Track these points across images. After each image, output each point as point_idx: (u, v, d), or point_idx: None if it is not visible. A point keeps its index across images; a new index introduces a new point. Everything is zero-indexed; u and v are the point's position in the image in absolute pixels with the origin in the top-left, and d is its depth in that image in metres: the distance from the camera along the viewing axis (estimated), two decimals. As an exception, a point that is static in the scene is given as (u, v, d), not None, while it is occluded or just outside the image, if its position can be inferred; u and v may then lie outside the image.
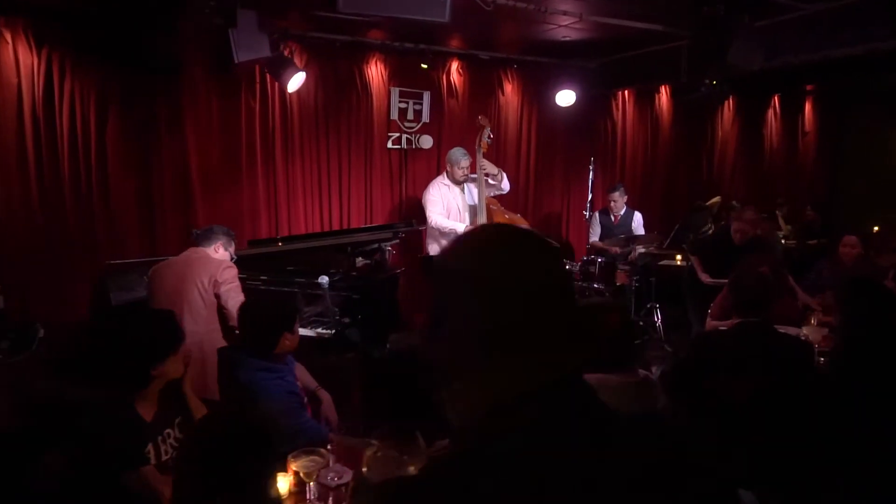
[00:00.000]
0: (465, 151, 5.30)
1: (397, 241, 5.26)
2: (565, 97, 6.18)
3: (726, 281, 4.43)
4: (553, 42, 5.59)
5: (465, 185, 5.37)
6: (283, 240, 4.51)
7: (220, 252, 3.39)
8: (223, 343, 3.20)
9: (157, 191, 4.84)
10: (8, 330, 3.71)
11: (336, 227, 5.73)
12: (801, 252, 7.24)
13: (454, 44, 5.87)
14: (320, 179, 5.63)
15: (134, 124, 4.69)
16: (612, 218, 6.26)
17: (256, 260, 4.05)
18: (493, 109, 6.46)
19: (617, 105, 7.22)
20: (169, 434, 2.05)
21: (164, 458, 1.99)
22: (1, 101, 4.23)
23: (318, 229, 5.61)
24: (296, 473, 1.83)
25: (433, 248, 5.43)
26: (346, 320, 3.53)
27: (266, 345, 2.28)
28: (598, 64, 6.34)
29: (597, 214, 6.34)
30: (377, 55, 5.69)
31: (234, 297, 3.16)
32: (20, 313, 4.27)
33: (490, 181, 5.34)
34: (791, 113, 8.76)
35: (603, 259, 5.55)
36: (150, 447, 1.94)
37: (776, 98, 8.53)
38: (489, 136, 5.23)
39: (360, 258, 4.64)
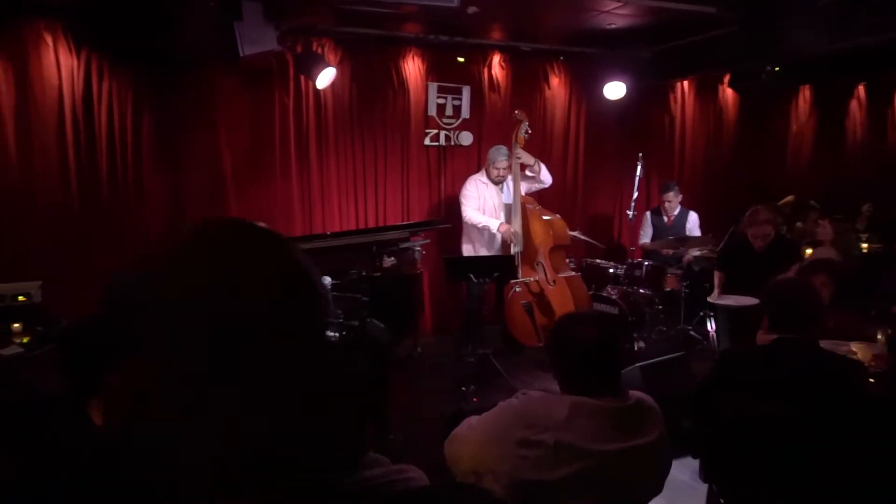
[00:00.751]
0: (506, 151, 5.08)
1: (424, 240, 5.11)
2: (615, 89, 5.82)
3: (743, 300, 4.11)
4: (600, 30, 5.25)
5: (503, 182, 5.14)
6: (306, 239, 4.43)
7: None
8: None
9: (190, 188, 4.90)
10: (36, 324, 3.80)
11: (372, 225, 5.63)
12: (888, 256, 6.51)
13: (495, 36, 5.64)
14: (355, 177, 5.54)
15: (167, 122, 4.76)
16: (665, 218, 5.83)
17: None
18: (538, 104, 6.18)
19: (675, 97, 6.75)
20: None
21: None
22: (43, 101, 4.37)
23: (353, 228, 5.52)
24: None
25: (467, 249, 5.23)
26: (355, 323, 3.38)
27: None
28: (652, 53, 5.92)
29: (648, 215, 5.93)
30: (413, 49, 5.54)
31: None
32: (56, 307, 4.40)
33: (528, 172, 5.07)
34: (879, 102, 7.92)
35: (650, 263, 5.16)
36: (95, 452, 1.85)
37: (861, 87, 7.74)
38: (526, 132, 4.97)
39: (389, 258, 4.51)
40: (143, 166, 4.72)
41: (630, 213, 5.50)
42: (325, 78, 4.82)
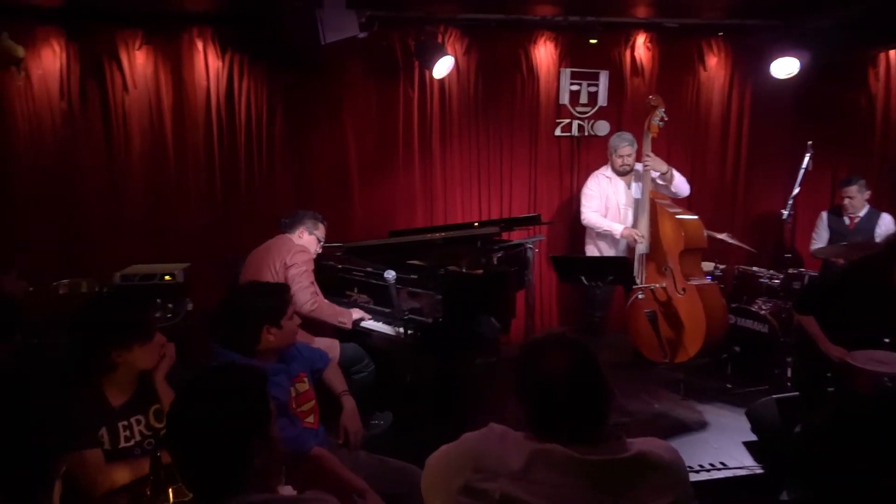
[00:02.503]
0: (630, 137, 4.55)
1: (538, 237, 4.78)
2: (785, 66, 4.90)
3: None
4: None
5: (630, 172, 4.61)
6: (399, 233, 4.36)
7: (304, 237, 3.37)
8: (302, 335, 3.16)
9: (317, 179, 5.10)
10: (167, 301, 4.21)
11: (496, 219, 5.41)
12: None
13: (638, 12, 5.08)
14: (479, 170, 5.36)
15: (298, 117, 4.99)
16: (847, 220, 4.79)
17: (371, 251, 3.96)
18: (691, 88, 5.46)
19: (877, 73, 5.51)
20: (139, 421, 2.02)
21: (122, 444, 1.95)
22: (194, 101, 4.84)
23: (475, 221, 5.35)
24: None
25: (591, 250, 4.79)
26: (428, 320, 3.22)
27: (245, 338, 2.12)
28: (836, 20, 4.86)
29: (824, 215, 4.94)
30: (546, 34, 5.19)
31: (299, 283, 3.10)
32: (200, 285, 4.87)
33: (658, 181, 4.49)
34: None
35: (814, 274, 4.27)
36: (103, 431, 1.92)
37: None
38: (662, 119, 4.38)
39: (498, 254, 4.27)
40: (275, 158, 5.01)
41: (785, 212, 4.60)
42: (443, 67, 4.70)
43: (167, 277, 4.43)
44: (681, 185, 4.54)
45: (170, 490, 1.65)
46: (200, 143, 4.89)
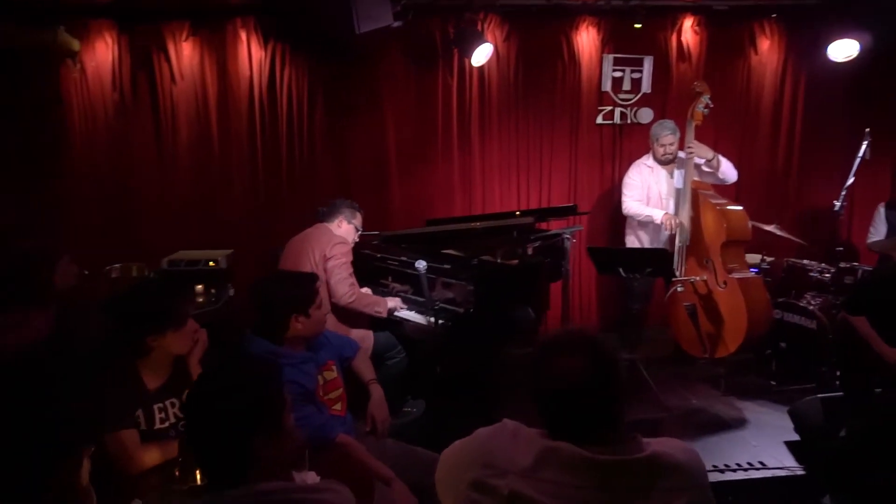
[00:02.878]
0: (672, 125, 4.42)
1: (575, 227, 4.71)
2: (844, 49, 4.65)
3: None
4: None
5: (672, 161, 4.49)
6: (436, 222, 4.36)
7: (342, 227, 3.41)
8: (337, 326, 3.22)
9: (355, 169, 5.14)
10: (209, 287, 4.35)
11: (535, 208, 5.35)
12: None
13: (686, -5, 4.90)
14: (518, 159, 5.31)
15: (338, 105, 5.04)
16: (906, 213, 4.54)
17: (407, 240, 3.99)
18: (740, 74, 5.26)
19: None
20: (174, 404, 2.10)
21: (157, 426, 2.04)
22: (237, 91, 4.94)
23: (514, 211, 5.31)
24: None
25: (631, 241, 4.69)
26: (459, 310, 3.23)
27: (273, 327, 2.17)
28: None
29: (881, 208, 4.69)
30: (588, 19, 5.08)
31: (338, 275, 3.14)
32: (243, 271, 5.00)
33: (704, 168, 4.34)
34: None
35: (867, 268, 4.07)
36: (139, 412, 2.00)
37: None
38: (706, 106, 4.24)
39: (535, 244, 4.24)
40: (315, 147, 5.07)
41: (837, 203, 4.38)
42: (482, 55, 4.66)
43: (211, 263, 4.58)
44: (728, 171, 4.39)
45: (197, 472, 1.71)
46: (244, 132, 5.00)
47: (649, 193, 4.53)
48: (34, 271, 3.03)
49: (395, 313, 3.49)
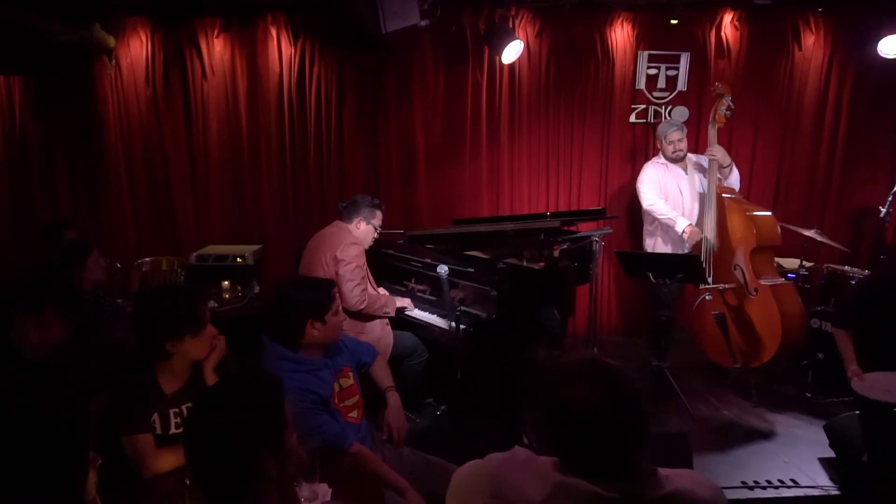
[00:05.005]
0: (679, 122, 4.31)
1: (604, 230, 4.60)
2: (894, 44, 4.42)
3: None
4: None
5: (683, 159, 4.36)
6: (463, 222, 4.30)
7: (360, 227, 3.37)
8: (354, 329, 3.19)
9: (384, 165, 5.12)
10: (236, 283, 4.39)
11: (564, 209, 5.26)
12: None
13: (727, -10, 4.73)
14: (548, 158, 5.21)
15: (367, 102, 5.01)
16: (958, 220, 4.31)
17: (432, 240, 3.95)
18: (782, 71, 5.05)
19: None
20: (190, 408, 2.10)
21: (172, 430, 2.04)
22: (267, 88, 4.96)
23: (542, 211, 5.22)
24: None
25: (651, 244, 4.55)
26: (482, 315, 3.17)
27: (289, 333, 2.15)
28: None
29: (931, 213, 4.45)
30: (623, 15, 4.94)
31: (350, 280, 3.11)
32: (273, 268, 5.04)
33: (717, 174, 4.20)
34: None
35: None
36: (155, 417, 2.01)
37: None
38: (728, 108, 4.08)
39: (563, 246, 4.15)
40: (344, 143, 5.06)
41: (883, 209, 4.18)
42: (512, 52, 4.57)
43: (238, 259, 4.62)
44: (734, 181, 4.26)
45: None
46: (273, 128, 5.02)
47: (667, 190, 4.39)
48: (68, 275, 3.11)
49: (417, 315, 3.45)
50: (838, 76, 5.02)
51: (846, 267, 4.43)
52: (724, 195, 4.00)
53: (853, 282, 4.15)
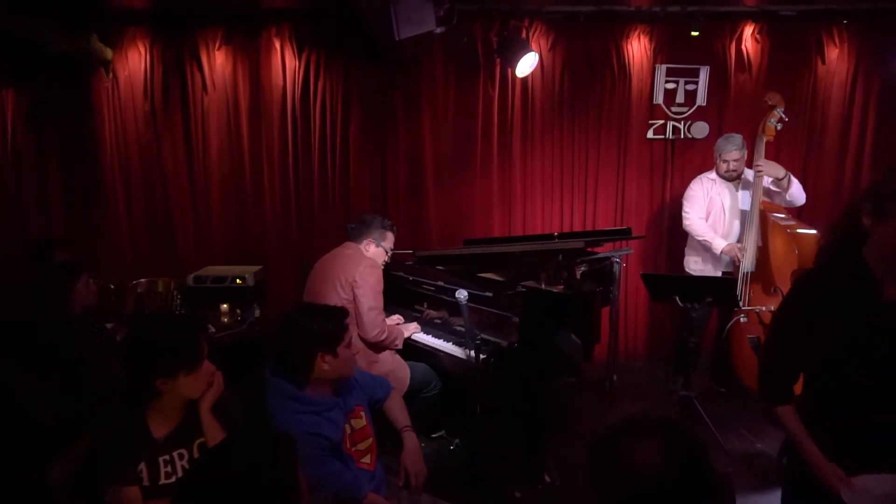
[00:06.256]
0: (739, 141, 4.09)
1: (626, 250, 4.38)
2: (925, 59, 4.25)
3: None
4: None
5: (737, 178, 4.15)
6: (474, 242, 4.08)
7: (370, 250, 3.14)
8: (367, 358, 2.95)
9: (392, 182, 4.91)
10: (235, 306, 4.14)
11: (578, 228, 5.04)
12: None
13: (749, 1, 4.55)
14: (562, 175, 4.99)
15: (374, 116, 4.82)
16: None
17: (443, 261, 3.72)
18: (805, 84, 4.86)
19: None
20: (182, 455, 1.85)
21: (162, 480, 1.80)
22: (270, 101, 4.77)
23: (556, 230, 5.00)
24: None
25: (693, 262, 4.33)
26: (503, 343, 2.93)
27: (297, 366, 1.91)
28: None
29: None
30: (640, 27, 4.75)
31: (372, 307, 2.87)
32: (274, 289, 4.80)
33: (772, 187, 3.98)
34: None
35: None
36: (143, 466, 1.76)
37: None
38: (780, 120, 3.87)
39: (582, 268, 3.92)
40: (349, 159, 4.86)
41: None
42: (526, 65, 4.39)
43: (238, 281, 4.39)
44: (797, 193, 4.02)
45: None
46: (276, 143, 4.82)
47: (710, 207, 4.19)
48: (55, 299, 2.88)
49: (431, 344, 3.21)
50: (863, 90, 4.83)
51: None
52: (769, 213, 3.77)
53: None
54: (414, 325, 3.36)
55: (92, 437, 1.78)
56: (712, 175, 4.27)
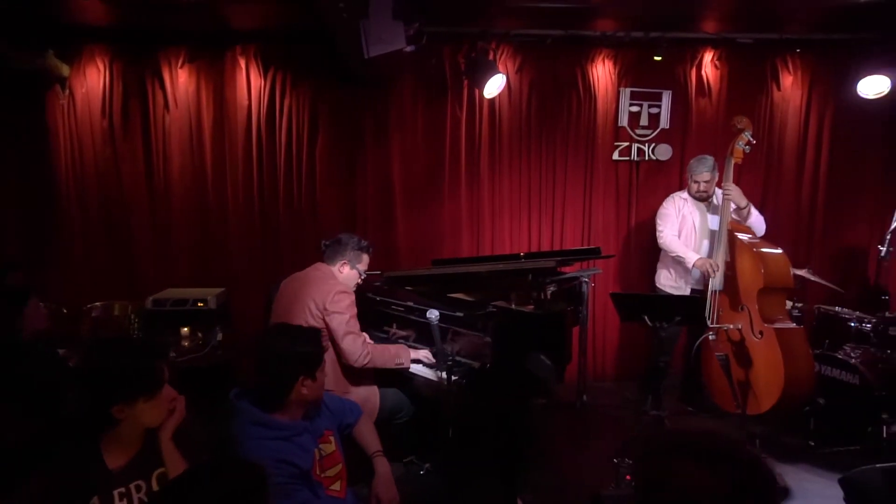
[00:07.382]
0: (711, 163, 4.17)
1: (593, 270, 4.40)
2: (874, 85, 4.42)
3: None
4: (854, 5, 4.02)
5: (708, 199, 4.23)
6: (443, 262, 4.03)
7: (344, 271, 3.06)
8: (340, 388, 2.84)
9: (361, 204, 4.85)
10: (202, 330, 3.99)
11: (546, 248, 5.05)
12: None
13: (706, 27, 4.69)
14: (530, 196, 5.02)
15: (341, 137, 4.78)
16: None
17: (412, 281, 3.66)
18: (763, 110, 5.01)
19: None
20: (139, 487, 1.74)
21: (117, 513, 1.68)
22: (234, 121, 4.69)
23: (524, 251, 5.00)
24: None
25: (665, 277, 4.38)
26: (475, 364, 2.88)
27: (274, 390, 1.82)
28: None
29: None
30: (604, 52, 4.85)
31: (348, 333, 2.78)
32: (239, 312, 4.66)
33: (733, 216, 4.06)
34: None
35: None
36: (95, 500, 1.64)
37: None
38: (747, 143, 3.96)
39: (551, 288, 3.90)
40: (316, 180, 4.80)
41: (883, 248, 4.08)
42: (494, 86, 4.42)
43: (200, 304, 4.24)
44: (756, 223, 4.11)
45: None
46: (240, 163, 4.73)
47: (683, 225, 4.25)
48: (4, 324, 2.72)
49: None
50: (818, 116, 5.00)
51: (837, 308, 4.31)
52: (736, 232, 3.83)
53: (851, 323, 4.02)
54: (425, 351, 3.14)
55: (39, 470, 1.65)
56: (684, 194, 4.35)
